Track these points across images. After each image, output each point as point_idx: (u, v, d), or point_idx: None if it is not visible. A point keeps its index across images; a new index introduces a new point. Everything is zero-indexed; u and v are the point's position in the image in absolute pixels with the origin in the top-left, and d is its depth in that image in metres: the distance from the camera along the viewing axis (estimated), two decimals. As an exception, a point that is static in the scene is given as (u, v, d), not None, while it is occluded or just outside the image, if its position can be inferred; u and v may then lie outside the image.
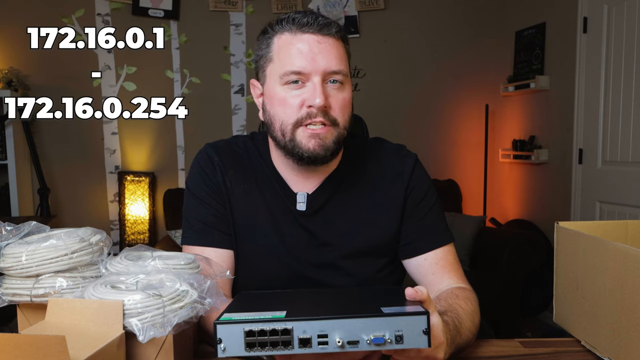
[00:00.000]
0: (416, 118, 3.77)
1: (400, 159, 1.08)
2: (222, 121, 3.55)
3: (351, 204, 1.04)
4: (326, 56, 0.94)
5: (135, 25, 3.36)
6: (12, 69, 3.18)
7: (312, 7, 3.56)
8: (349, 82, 1.00)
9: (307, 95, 0.93)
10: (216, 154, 1.07)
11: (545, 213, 3.37)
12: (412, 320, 0.65)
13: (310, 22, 0.94)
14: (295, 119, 0.94)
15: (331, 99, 0.95)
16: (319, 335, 0.65)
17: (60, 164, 3.37)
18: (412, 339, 0.65)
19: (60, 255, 0.77)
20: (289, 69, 0.94)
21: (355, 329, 0.65)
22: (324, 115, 0.94)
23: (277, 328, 0.65)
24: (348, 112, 0.99)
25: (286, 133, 0.96)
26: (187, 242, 1.05)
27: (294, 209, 1.03)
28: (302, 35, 0.94)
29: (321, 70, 0.93)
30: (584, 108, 3.01)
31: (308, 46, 0.93)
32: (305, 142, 0.94)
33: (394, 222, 1.05)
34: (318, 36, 0.94)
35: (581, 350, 0.90)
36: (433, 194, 1.09)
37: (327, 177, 1.04)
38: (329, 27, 0.95)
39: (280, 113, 0.96)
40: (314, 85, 0.93)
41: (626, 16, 2.69)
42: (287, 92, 0.95)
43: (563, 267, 0.98)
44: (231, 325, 0.65)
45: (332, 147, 0.96)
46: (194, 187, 1.06)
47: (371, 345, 0.65)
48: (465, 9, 3.76)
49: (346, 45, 1.01)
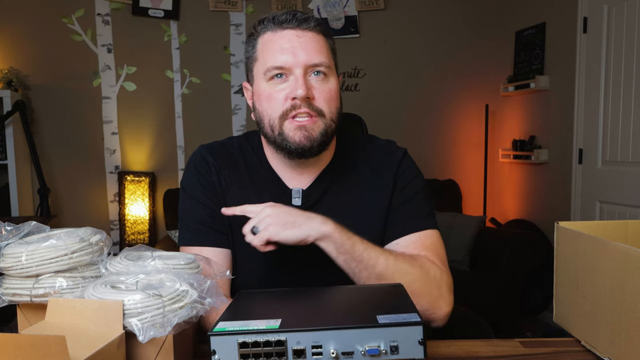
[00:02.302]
0: (416, 118, 3.77)
1: (390, 153, 1.10)
2: (222, 121, 3.55)
3: (345, 198, 1.05)
4: (306, 49, 0.96)
5: (135, 25, 3.37)
6: (12, 69, 3.18)
7: (312, 7, 3.56)
8: (334, 74, 1.01)
9: (291, 88, 0.96)
10: (210, 154, 1.08)
11: (545, 213, 3.37)
12: (407, 330, 0.65)
13: (288, 18, 0.98)
14: (281, 112, 0.97)
15: (315, 90, 0.97)
16: (313, 346, 0.65)
17: (60, 164, 3.37)
18: (408, 349, 0.65)
19: (60, 255, 0.77)
20: (272, 64, 0.97)
21: (350, 339, 0.65)
22: (308, 106, 0.96)
23: (270, 339, 0.65)
24: (335, 104, 1.00)
25: (274, 127, 0.98)
26: (183, 243, 1.05)
27: (290, 205, 1.03)
28: (282, 31, 0.98)
29: (302, 63, 0.96)
30: (584, 108, 3.01)
31: (288, 41, 0.97)
32: (292, 134, 0.97)
33: (385, 214, 1.06)
34: (297, 31, 0.98)
35: (581, 350, 0.90)
36: (419, 183, 1.09)
37: (320, 173, 1.06)
38: (307, 22, 0.98)
39: (267, 108, 0.99)
40: (296, 77, 0.96)
41: (626, 16, 2.69)
42: (272, 87, 0.98)
43: (563, 267, 0.98)
44: (225, 336, 0.65)
45: (320, 138, 0.98)
46: (189, 188, 1.07)
47: (366, 356, 0.65)
48: (465, 8, 3.76)
49: (329, 40, 1.02)
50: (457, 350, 0.91)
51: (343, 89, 3.65)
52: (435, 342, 0.94)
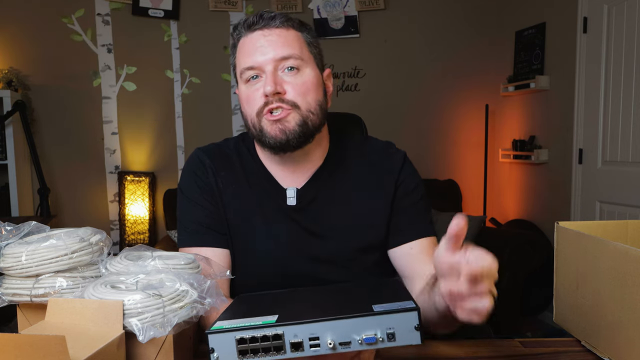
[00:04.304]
0: (416, 118, 3.77)
1: (390, 155, 1.11)
2: (222, 121, 3.55)
3: (341, 198, 1.06)
4: (273, 46, 0.99)
5: (135, 25, 3.37)
6: (12, 69, 3.18)
7: (311, 8, 3.56)
8: (312, 67, 1.02)
9: (263, 86, 0.98)
10: (207, 156, 1.09)
11: (545, 213, 3.37)
12: (402, 317, 0.65)
13: (255, 20, 1.01)
14: (257, 110, 0.99)
15: (286, 85, 0.98)
16: (311, 339, 0.65)
17: (60, 164, 3.37)
18: (404, 335, 0.65)
19: (60, 255, 0.77)
20: (244, 66, 1.00)
21: (346, 329, 0.65)
22: (280, 100, 0.98)
23: (268, 334, 0.65)
24: (312, 96, 1.00)
25: (255, 125, 1.00)
26: (182, 244, 1.06)
27: (285, 204, 1.04)
28: (251, 34, 1.01)
29: (270, 59, 0.98)
30: (584, 108, 3.01)
31: (257, 42, 0.99)
32: (269, 129, 0.99)
33: (385, 215, 1.06)
34: (264, 30, 1.00)
35: (581, 350, 0.90)
36: (421, 190, 1.11)
37: (314, 172, 1.06)
38: (274, 20, 1.01)
39: (247, 109, 1.01)
40: (266, 74, 0.98)
41: (626, 16, 2.69)
42: (249, 88, 1.01)
43: (563, 267, 0.98)
44: (222, 334, 0.66)
45: (297, 130, 0.98)
46: (186, 190, 1.08)
47: (363, 344, 0.65)
48: (465, 8, 3.76)
49: (303, 33, 1.03)
50: (457, 350, 0.92)
51: (343, 88, 3.65)
52: (435, 342, 0.94)
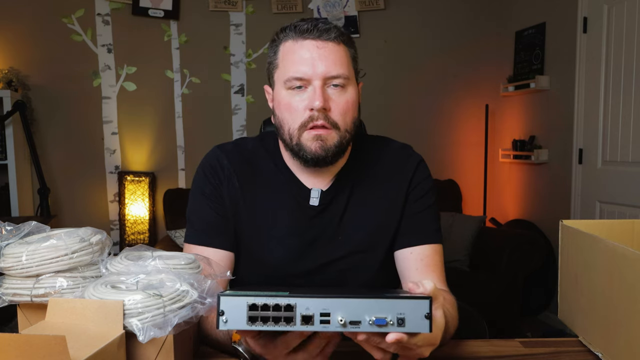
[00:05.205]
0: (416, 118, 3.77)
1: (406, 157, 1.12)
2: (222, 121, 3.55)
3: (360, 201, 1.07)
4: (325, 61, 0.98)
5: (135, 25, 3.37)
6: (12, 69, 3.18)
7: (311, 8, 3.56)
8: (353, 84, 1.02)
9: (309, 99, 0.97)
10: (225, 156, 1.09)
11: (545, 213, 3.37)
12: (414, 303, 0.65)
13: (310, 28, 0.99)
14: (300, 123, 0.99)
15: (332, 102, 0.98)
16: (322, 314, 0.65)
17: (60, 164, 3.37)
18: (414, 322, 0.65)
19: (60, 255, 0.77)
20: (292, 75, 0.98)
21: (358, 309, 0.65)
22: (325, 118, 0.98)
23: (280, 303, 0.65)
24: (350, 115, 1.01)
25: (293, 137, 1.00)
26: (188, 241, 1.07)
27: (307, 204, 1.05)
28: (303, 41, 0.99)
29: (321, 75, 0.97)
30: (584, 108, 3.01)
31: (308, 52, 0.98)
32: (309, 144, 0.99)
33: (397, 218, 1.08)
34: (318, 42, 0.98)
35: (581, 350, 0.91)
36: (433, 196, 1.11)
37: (336, 175, 1.07)
38: (328, 33, 0.99)
39: (287, 117, 1.01)
40: (314, 89, 0.97)
41: (626, 16, 2.69)
42: (291, 97, 0.99)
43: (566, 265, 0.98)
44: (235, 297, 0.65)
45: (334, 149, 1.00)
46: (199, 188, 1.08)
47: (373, 326, 0.65)
48: (465, 8, 3.76)
49: (350, 49, 1.03)
50: (457, 350, 0.92)
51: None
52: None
